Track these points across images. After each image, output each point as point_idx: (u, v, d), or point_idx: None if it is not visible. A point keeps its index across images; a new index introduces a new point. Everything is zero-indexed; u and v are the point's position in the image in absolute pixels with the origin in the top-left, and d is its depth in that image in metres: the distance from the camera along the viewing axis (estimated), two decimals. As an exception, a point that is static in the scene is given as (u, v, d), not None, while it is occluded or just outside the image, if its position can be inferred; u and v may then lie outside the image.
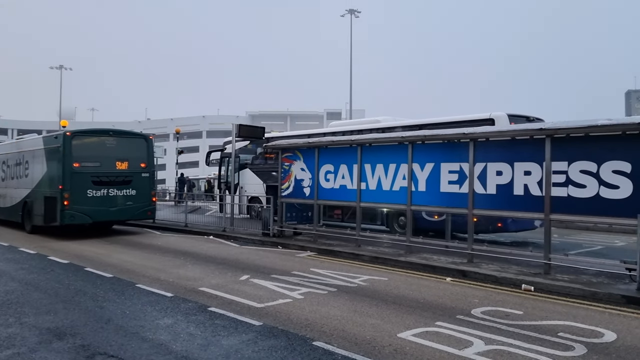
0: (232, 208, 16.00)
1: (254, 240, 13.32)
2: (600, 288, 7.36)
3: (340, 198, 12.11)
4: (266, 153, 18.27)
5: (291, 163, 13.41)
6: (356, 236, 11.75)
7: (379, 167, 11.18)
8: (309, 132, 17.80)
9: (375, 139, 11.53)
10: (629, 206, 7.54)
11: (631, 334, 5.54)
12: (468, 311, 6.39)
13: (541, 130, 8.58)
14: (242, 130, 16.35)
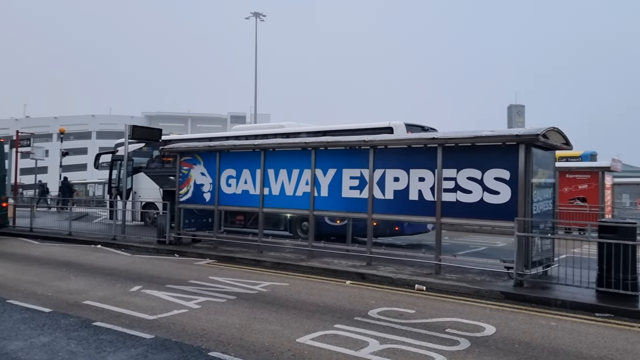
0: (123, 214, 15.15)
1: (148, 249, 12.73)
2: (483, 285, 8.11)
3: (243, 203, 12.03)
4: (163, 156, 17.59)
5: (190, 167, 13.05)
6: (258, 242, 11.74)
7: (282, 172, 11.30)
8: (211, 136, 17.46)
9: (279, 144, 11.64)
10: (507, 210, 8.40)
11: (508, 326, 6.18)
12: (365, 312, 6.68)
13: (434, 140, 9.26)
14: (137, 132, 15.60)
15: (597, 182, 17.63)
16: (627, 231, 7.58)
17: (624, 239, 7.41)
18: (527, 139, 8.29)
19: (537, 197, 8.77)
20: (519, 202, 8.31)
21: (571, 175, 18.20)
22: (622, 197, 30.07)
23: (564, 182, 18.10)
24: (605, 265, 7.48)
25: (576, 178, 18.09)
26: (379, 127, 12.83)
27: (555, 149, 9.46)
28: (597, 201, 17.52)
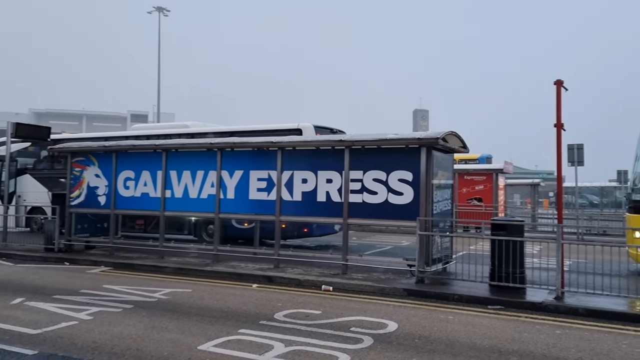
0: (5, 220, 13.80)
1: (34, 257, 11.70)
2: (387, 284, 8.45)
3: (142, 207, 11.48)
4: (53, 157, 16.29)
5: (83, 169, 12.21)
6: (159, 247, 11.26)
7: (186, 174, 10.95)
8: (107, 135, 16.46)
9: (183, 144, 11.28)
10: (410, 210, 8.83)
11: (409, 322, 6.48)
12: (271, 316, 6.66)
13: (341, 142, 9.49)
14: (21, 130, 14.28)
15: (492, 183, 19.18)
16: (515, 228, 8.30)
17: (513, 236, 8.10)
18: (428, 142, 8.78)
19: (437, 197, 9.32)
20: (421, 202, 8.77)
21: (469, 177, 19.62)
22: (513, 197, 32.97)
23: (463, 183, 19.46)
24: (497, 261, 8.13)
25: (473, 179, 19.53)
26: (287, 128, 12.89)
27: (454, 151, 10.11)
28: (492, 201, 19.04)
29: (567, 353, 5.36)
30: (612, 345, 5.68)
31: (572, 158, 16.96)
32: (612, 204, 31.40)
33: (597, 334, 6.11)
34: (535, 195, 25.42)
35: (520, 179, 34.30)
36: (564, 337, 5.94)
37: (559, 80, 8.12)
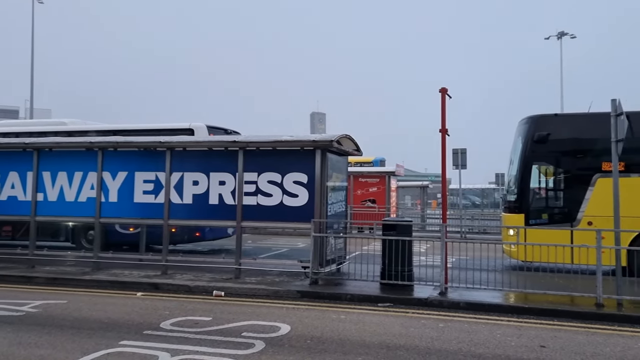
0: None
1: None
2: (281, 286, 8.49)
3: (9, 212, 10.45)
4: None
5: None
6: (29, 256, 10.28)
7: (62, 176, 10.15)
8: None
9: (58, 143, 10.44)
10: (305, 212, 8.96)
11: (302, 323, 6.57)
12: (157, 325, 6.38)
13: (235, 143, 9.37)
14: None
15: (385, 186, 20.15)
16: (404, 228, 8.77)
17: (402, 236, 8.55)
18: (323, 144, 8.98)
19: (331, 199, 9.56)
20: (316, 204, 8.94)
21: (363, 179, 20.43)
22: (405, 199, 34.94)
23: (357, 185, 20.21)
24: (387, 260, 8.53)
25: (367, 181, 20.38)
26: (178, 128, 12.46)
27: (348, 154, 10.45)
28: (385, 202, 19.99)
29: (449, 345, 5.77)
30: (488, 335, 6.22)
31: (457, 162, 18.34)
32: (492, 204, 34.52)
33: (475, 326, 6.65)
34: (424, 197, 27.13)
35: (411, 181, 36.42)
36: (446, 330, 6.39)
37: (444, 88, 8.74)
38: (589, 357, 5.43)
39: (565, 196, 11.07)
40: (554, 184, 11.39)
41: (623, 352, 5.59)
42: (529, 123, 11.26)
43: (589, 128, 10.57)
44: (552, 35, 35.77)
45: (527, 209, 11.04)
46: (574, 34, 35.24)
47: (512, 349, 5.68)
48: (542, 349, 5.68)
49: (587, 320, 6.94)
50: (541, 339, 6.07)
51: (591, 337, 6.22)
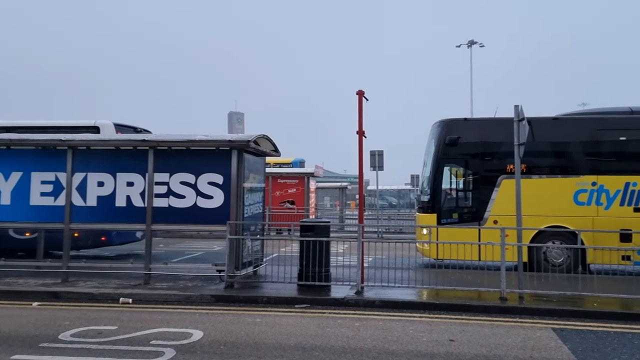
0: None
1: None
2: (194, 291, 8.26)
3: None
4: None
5: None
6: None
7: (-56, 176, 9.18)
8: None
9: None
10: (221, 214, 8.80)
11: (215, 329, 6.43)
12: (55, 336, 5.95)
13: (145, 142, 9.00)
14: None
15: (304, 187, 20.30)
16: (322, 229, 8.87)
17: (319, 236, 8.64)
18: (240, 144, 8.87)
19: (248, 200, 9.47)
20: (232, 206, 8.81)
21: (282, 180, 20.46)
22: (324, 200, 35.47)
23: (276, 187, 20.21)
24: (305, 261, 8.58)
25: (286, 183, 20.43)
26: (83, 125, 11.74)
27: (266, 155, 10.40)
28: (304, 203, 20.14)
29: (364, 343, 5.91)
30: (401, 331, 6.44)
31: (374, 163, 18.88)
32: (408, 204, 35.95)
33: (389, 323, 6.86)
34: (343, 198, 27.67)
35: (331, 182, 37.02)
36: (362, 329, 6.53)
37: (361, 90, 8.96)
38: (494, 348, 5.79)
39: (473, 196, 11.76)
40: (463, 185, 12.06)
41: (523, 342, 6.02)
42: (441, 127, 11.85)
43: (495, 132, 11.29)
44: (462, 44, 37.94)
45: (439, 209, 11.60)
46: (482, 43, 37.61)
47: (423, 344, 5.93)
48: (451, 342, 5.98)
49: (493, 314, 7.40)
50: (450, 333, 6.38)
51: (495, 329, 6.64)
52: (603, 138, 11.12)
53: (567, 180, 11.09)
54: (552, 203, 11.00)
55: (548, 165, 11.42)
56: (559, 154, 11.45)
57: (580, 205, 10.91)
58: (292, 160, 25.02)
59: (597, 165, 11.04)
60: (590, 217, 10.76)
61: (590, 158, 11.13)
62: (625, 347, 5.89)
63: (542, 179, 11.22)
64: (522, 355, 5.56)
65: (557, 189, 11.09)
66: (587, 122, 11.45)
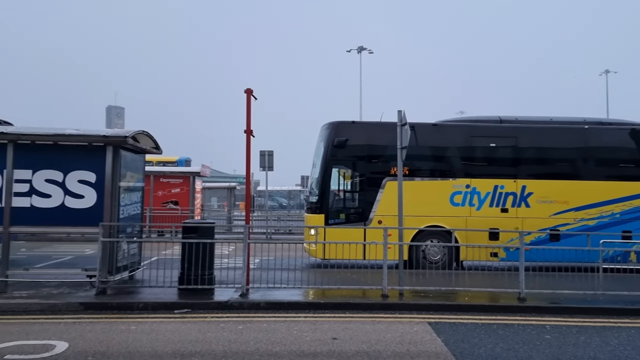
0: None
1: None
2: (60, 299, 7.62)
3: None
4: None
5: None
6: None
7: None
8: None
9: None
10: (93, 215, 8.24)
11: (83, 339, 5.97)
12: None
13: (3, 135, 8.15)
14: None
15: (189, 186, 19.68)
16: (206, 230, 8.64)
17: (203, 238, 8.40)
18: (116, 140, 8.36)
19: (125, 200, 8.95)
20: (105, 206, 8.30)
21: (165, 180, 19.65)
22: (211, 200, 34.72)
23: (159, 186, 19.38)
24: (187, 264, 8.30)
25: (170, 182, 19.66)
26: None
27: (146, 152, 9.92)
28: (189, 204, 19.53)
29: (247, 346, 5.85)
30: (286, 332, 6.48)
31: (264, 163, 18.86)
32: (298, 205, 36.41)
33: (274, 325, 6.87)
34: (231, 198, 27.29)
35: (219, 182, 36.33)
36: (245, 332, 6.46)
37: (249, 89, 8.88)
38: (374, 344, 6.04)
39: (360, 197, 12.20)
40: (351, 186, 12.47)
41: (402, 337, 6.35)
42: (330, 128, 12.15)
43: (381, 135, 11.80)
44: (353, 49, 39.35)
45: (327, 209, 11.89)
46: (371, 50, 39.30)
47: (306, 343, 6.01)
48: (334, 340, 6.13)
49: (375, 311, 7.73)
50: (334, 331, 6.55)
51: (377, 325, 6.93)
52: (476, 144, 12.14)
53: (445, 183, 11.94)
54: (432, 204, 11.77)
55: (428, 168, 12.19)
56: (438, 158, 12.28)
57: (455, 206, 11.80)
58: (177, 159, 24.17)
59: (470, 169, 12.01)
60: (464, 217, 11.67)
61: (465, 162, 12.09)
62: (490, 337, 6.46)
63: (423, 181, 11.96)
64: (399, 349, 5.86)
65: (436, 190, 11.89)
66: (462, 129, 12.42)
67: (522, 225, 11.43)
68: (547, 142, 12.21)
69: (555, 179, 12.08)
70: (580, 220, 11.74)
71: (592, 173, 12.07)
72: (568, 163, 12.36)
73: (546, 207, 11.78)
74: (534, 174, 12.08)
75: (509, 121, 12.61)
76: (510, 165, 12.11)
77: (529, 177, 11.95)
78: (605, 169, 12.23)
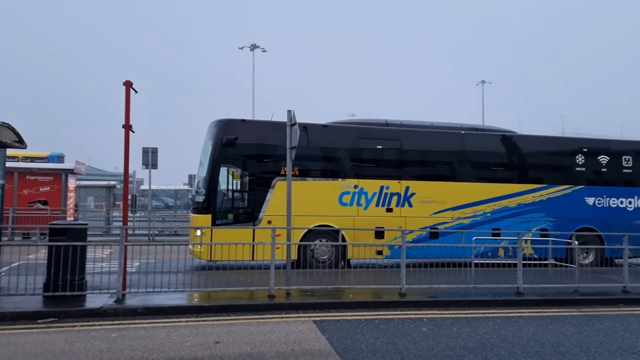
0: None
1: None
2: None
3: None
4: None
5: None
6: None
7: None
8: None
9: None
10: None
11: None
12: None
13: None
14: None
15: (61, 185, 18.17)
16: (77, 232, 8.03)
17: (73, 241, 7.77)
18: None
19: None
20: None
21: (33, 177, 17.98)
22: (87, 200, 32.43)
23: (25, 184, 17.71)
24: (54, 269, 7.64)
25: (38, 180, 18.02)
26: None
27: (7, 146, 9.05)
28: (60, 204, 18.04)
29: (120, 355, 5.51)
30: (165, 338, 6.21)
31: (147, 161, 18.00)
32: (185, 205, 35.25)
33: (152, 331, 6.55)
34: (111, 198, 25.73)
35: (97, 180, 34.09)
36: (119, 340, 6.09)
37: (128, 81, 8.42)
38: (258, 345, 5.99)
39: (249, 197, 12.08)
40: (240, 186, 12.31)
41: (286, 337, 6.37)
42: (218, 126, 11.90)
43: (271, 135, 11.77)
44: (245, 46, 39.02)
45: (214, 209, 11.63)
46: (265, 48, 39.24)
47: (187, 349, 5.81)
48: (216, 344, 5.99)
49: (261, 312, 7.69)
50: (217, 335, 6.40)
51: (262, 326, 6.90)
52: (364, 146, 12.59)
53: (334, 183, 12.24)
54: (321, 204, 12.00)
55: (319, 168, 12.42)
56: (328, 159, 12.55)
57: (344, 206, 12.15)
58: (47, 155, 22.25)
59: (358, 170, 12.43)
60: (351, 217, 12.05)
61: (353, 163, 12.49)
62: (372, 332, 6.71)
63: (313, 181, 12.15)
64: (284, 349, 5.87)
65: (326, 191, 12.15)
66: (351, 131, 12.81)
67: (405, 224, 12.05)
68: (428, 145, 13.02)
69: (435, 180, 12.91)
70: (457, 219, 12.66)
71: (467, 175, 13.09)
72: (446, 165, 13.28)
73: (427, 207, 12.55)
74: (417, 176, 12.81)
75: (395, 125, 13.25)
76: (395, 166, 12.72)
77: (412, 178, 12.65)
78: (479, 171, 13.32)
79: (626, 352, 6.07)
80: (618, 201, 13.67)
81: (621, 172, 13.89)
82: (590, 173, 13.71)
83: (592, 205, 13.49)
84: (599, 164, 13.79)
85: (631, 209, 13.70)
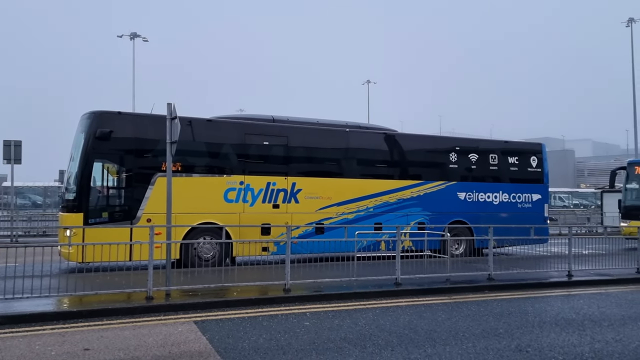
0: None
1: None
2: None
3: None
4: None
5: None
6: None
7: None
8: None
9: None
10: None
11: None
12: None
13: None
14: None
15: None
16: None
17: None
18: None
19: None
20: None
21: None
22: None
23: None
24: None
25: None
26: None
27: None
28: None
29: (-30, 371, 4.96)
30: (25, 349, 5.69)
31: (9, 155, 16.36)
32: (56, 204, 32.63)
33: (10, 341, 5.98)
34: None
35: None
36: (-31, 354, 5.48)
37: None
38: (133, 350, 5.70)
39: (127, 194, 11.44)
40: (117, 182, 11.60)
41: (165, 339, 6.14)
42: (91, 119, 11.13)
43: (152, 129, 11.25)
44: (125, 35, 37.00)
45: (87, 208, 10.86)
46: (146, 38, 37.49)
47: (51, 359, 5.37)
48: (86, 352, 5.61)
49: (137, 315, 7.32)
50: (87, 341, 6.00)
51: (138, 330, 6.57)
52: (250, 142, 12.50)
53: (219, 179, 12.01)
54: (206, 201, 11.71)
55: (203, 164, 12.10)
56: (212, 154, 12.29)
57: (229, 203, 11.97)
58: None
59: (245, 166, 12.32)
60: (237, 214, 11.92)
61: (239, 159, 12.35)
62: (255, 329, 6.69)
63: (197, 177, 11.82)
64: (161, 352, 5.65)
65: (210, 187, 11.88)
66: (237, 126, 12.65)
67: (291, 220, 12.16)
68: (314, 142, 13.26)
69: (320, 176, 13.18)
70: (342, 215, 13.05)
71: (351, 171, 13.54)
72: (332, 162, 13.63)
73: (313, 203, 12.78)
74: (303, 172, 12.98)
75: (281, 121, 13.32)
76: (282, 163, 12.79)
77: (299, 175, 12.80)
78: (362, 168, 13.84)
79: (489, 334, 6.64)
80: (485, 196, 14.94)
81: (488, 169, 15.19)
82: (462, 170, 14.83)
83: (464, 200, 14.61)
84: (470, 161, 14.97)
85: (497, 203, 15.04)
